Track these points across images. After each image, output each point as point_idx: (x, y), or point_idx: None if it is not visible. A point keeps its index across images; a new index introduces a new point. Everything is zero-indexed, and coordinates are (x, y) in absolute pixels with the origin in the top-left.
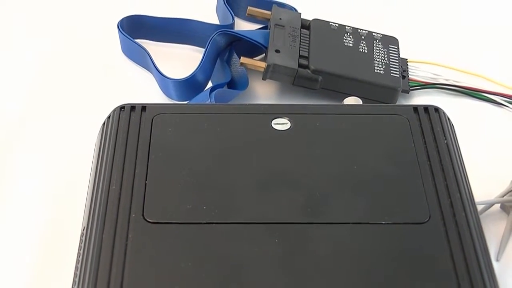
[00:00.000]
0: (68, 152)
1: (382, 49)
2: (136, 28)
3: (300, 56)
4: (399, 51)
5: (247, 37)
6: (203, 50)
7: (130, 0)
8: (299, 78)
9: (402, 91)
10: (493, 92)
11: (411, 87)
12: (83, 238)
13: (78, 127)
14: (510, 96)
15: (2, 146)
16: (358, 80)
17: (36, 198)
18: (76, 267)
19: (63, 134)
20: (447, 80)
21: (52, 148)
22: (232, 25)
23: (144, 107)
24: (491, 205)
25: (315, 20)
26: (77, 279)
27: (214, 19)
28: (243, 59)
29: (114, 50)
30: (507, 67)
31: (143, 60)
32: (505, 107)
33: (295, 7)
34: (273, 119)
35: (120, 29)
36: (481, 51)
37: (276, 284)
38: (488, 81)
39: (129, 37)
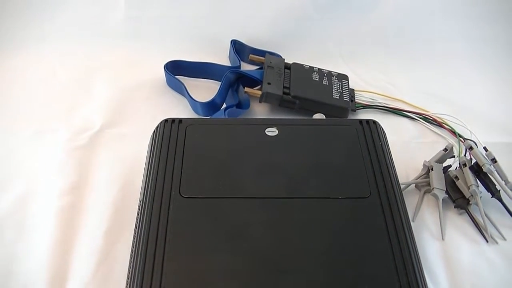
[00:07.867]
0: (130, 150)
1: (337, 82)
2: (176, 68)
3: (284, 87)
4: (349, 83)
5: (249, 74)
6: (219, 83)
7: (173, 51)
8: (283, 101)
9: (351, 110)
10: (410, 111)
11: (357, 107)
12: (140, 208)
13: (137, 133)
14: (420, 114)
15: (87, 147)
16: (322, 102)
17: (111, 182)
18: (136, 226)
19: (127, 138)
20: (380, 103)
21: (120, 147)
22: (239, 66)
23: (180, 120)
24: (409, 185)
25: (294, 63)
26: (136, 235)
27: (227, 62)
28: (246, 89)
29: (161, 83)
30: (418, 95)
31: (180, 89)
32: (417, 121)
33: (281, 55)
34: (266, 128)
35: (166, 69)
36: (402, 84)
37: (267, 240)
38: (406, 104)
39: (171, 74)
